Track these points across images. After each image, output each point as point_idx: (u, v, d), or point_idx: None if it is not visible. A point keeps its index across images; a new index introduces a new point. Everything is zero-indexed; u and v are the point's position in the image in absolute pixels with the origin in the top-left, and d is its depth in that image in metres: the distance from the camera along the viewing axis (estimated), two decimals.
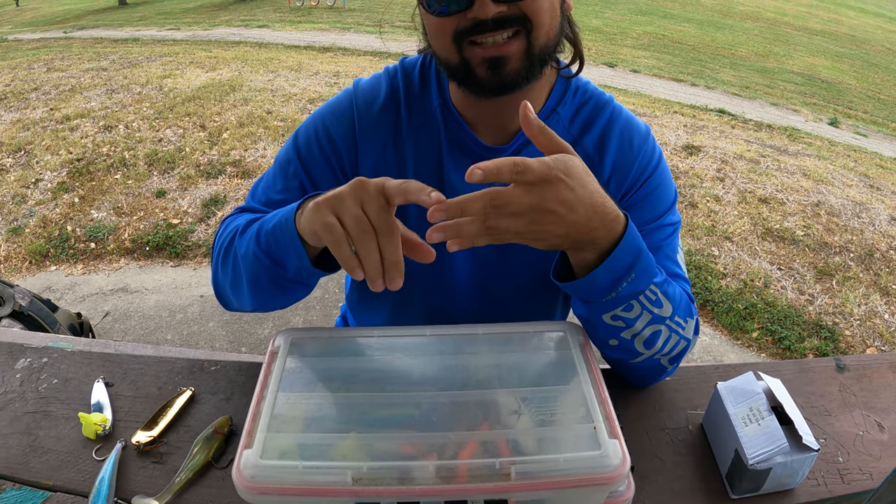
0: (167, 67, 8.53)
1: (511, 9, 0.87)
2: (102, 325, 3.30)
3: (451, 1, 0.87)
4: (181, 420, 1.03)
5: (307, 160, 1.09)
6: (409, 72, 1.11)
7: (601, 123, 1.08)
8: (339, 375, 0.88)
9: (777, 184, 5.28)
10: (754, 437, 0.91)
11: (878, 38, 22.00)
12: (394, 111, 1.08)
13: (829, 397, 1.15)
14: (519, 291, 1.16)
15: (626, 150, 1.07)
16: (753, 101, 9.65)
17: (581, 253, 0.84)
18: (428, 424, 0.79)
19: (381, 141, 1.08)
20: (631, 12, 18.90)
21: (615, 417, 0.79)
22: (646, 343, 0.95)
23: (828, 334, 3.41)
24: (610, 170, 1.06)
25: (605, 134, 1.07)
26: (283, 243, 0.88)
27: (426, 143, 1.07)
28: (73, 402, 1.06)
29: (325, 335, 0.94)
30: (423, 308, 1.20)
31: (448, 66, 0.95)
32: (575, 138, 1.07)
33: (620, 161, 1.06)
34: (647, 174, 1.08)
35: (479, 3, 0.85)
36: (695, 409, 1.08)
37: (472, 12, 0.87)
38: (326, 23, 13.96)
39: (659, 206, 1.08)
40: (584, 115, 1.08)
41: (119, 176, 4.89)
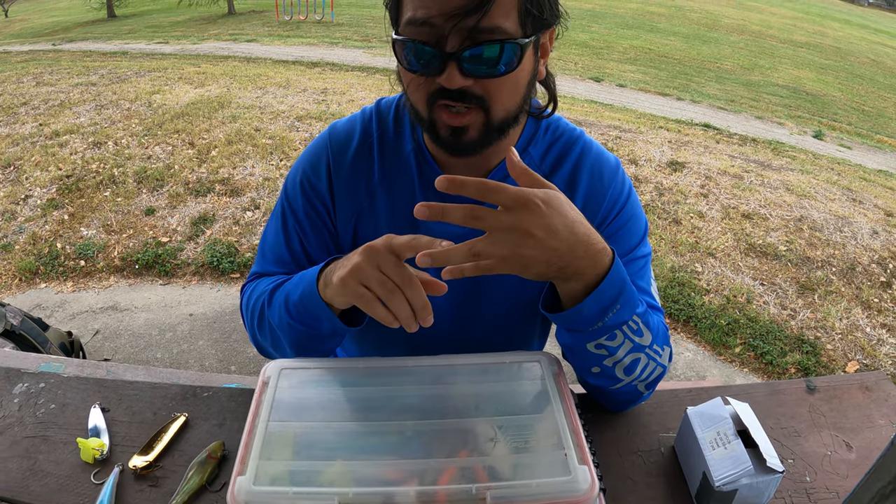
0: (156, 83, 8.54)
1: (475, 85, 0.92)
2: (93, 343, 3.32)
3: (424, 65, 0.91)
4: (176, 445, 1.07)
5: (299, 213, 1.15)
6: (384, 115, 1.15)
7: (572, 159, 1.12)
8: (326, 404, 0.94)
9: (760, 199, 5.35)
10: (721, 461, 0.96)
11: (862, 50, 22.25)
12: (367, 156, 1.12)
13: (799, 418, 1.19)
14: (495, 318, 1.20)
15: (596, 183, 1.12)
16: (738, 115, 9.75)
17: (568, 283, 0.89)
18: (410, 451, 0.84)
19: (355, 186, 1.12)
20: (617, 26, 19.05)
21: (586, 444, 0.84)
22: (626, 370, 0.99)
23: (809, 349, 3.46)
24: (582, 204, 1.10)
25: (575, 169, 1.12)
26: (313, 311, 0.96)
27: (400, 187, 1.12)
28: (70, 427, 1.10)
29: (313, 365, 0.99)
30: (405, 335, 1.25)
31: (417, 117, 1.00)
32: (546, 175, 1.11)
33: (591, 195, 1.11)
34: (618, 207, 1.13)
35: (447, 74, 0.89)
36: (667, 431, 1.13)
37: (441, 79, 0.90)
38: (315, 37, 14.00)
39: (631, 239, 1.13)
40: (556, 152, 1.13)
41: (108, 193, 4.91)
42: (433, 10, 0.87)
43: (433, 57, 0.90)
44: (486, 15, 0.86)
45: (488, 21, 0.87)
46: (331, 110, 7.13)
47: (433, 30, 0.88)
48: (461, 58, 0.88)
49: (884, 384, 1.31)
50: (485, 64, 0.90)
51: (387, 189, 1.12)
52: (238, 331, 3.41)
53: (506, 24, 0.89)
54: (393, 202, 1.12)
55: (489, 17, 0.86)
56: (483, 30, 0.87)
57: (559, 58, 12.82)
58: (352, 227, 1.14)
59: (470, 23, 0.86)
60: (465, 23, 0.86)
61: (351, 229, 1.14)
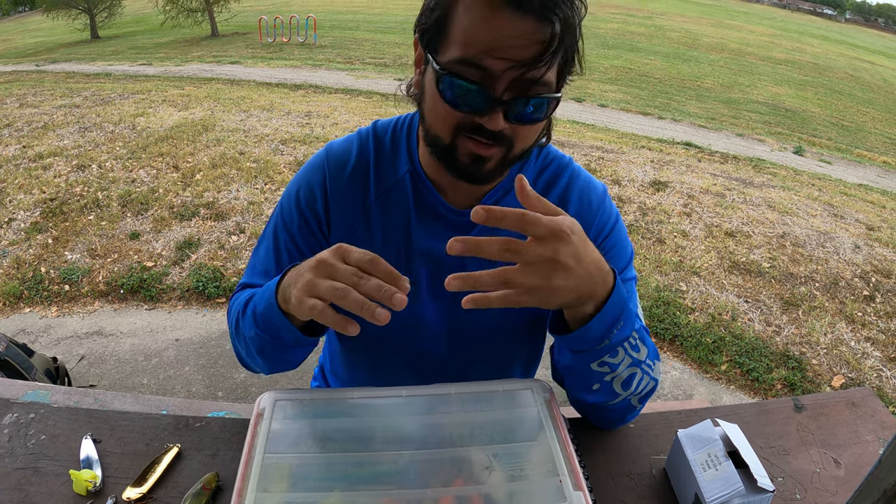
0: (140, 105, 8.53)
1: (509, 129, 0.93)
2: (78, 368, 3.29)
3: (468, 101, 0.91)
4: (169, 476, 1.06)
5: (293, 230, 1.16)
6: (380, 137, 1.16)
7: (561, 186, 1.16)
8: (321, 435, 0.94)
9: (743, 217, 5.41)
10: (712, 482, 0.97)
11: (840, 66, 22.67)
12: (362, 175, 1.14)
13: (788, 437, 1.20)
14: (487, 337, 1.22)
15: (585, 210, 1.15)
16: (719, 133, 9.88)
17: (582, 307, 0.90)
18: (406, 481, 0.85)
19: (351, 205, 1.14)
20: (598, 46, 19.29)
21: (580, 470, 0.85)
22: (623, 384, 1.00)
23: (795, 364, 3.49)
24: None
25: (564, 195, 1.15)
26: (275, 322, 0.96)
27: (395, 207, 1.13)
28: (62, 459, 1.09)
29: (307, 396, 1.00)
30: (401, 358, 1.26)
31: (435, 143, 1.00)
32: None
33: (580, 221, 1.11)
34: (605, 232, 1.16)
35: (492, 117, 0.90)
36: (658, 454, 1.14)
37: (482, 119, 0.91)
38: (298, 59, 14.06)
39: (619, 264, 1.15)
40: (546, 178, 1.16)
41: (93, 217, 4.88)
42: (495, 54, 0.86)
43: (482, 99, 0.90)
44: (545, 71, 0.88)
45: (541, 73, 0.88)
46: (315, 133, 7.14)
47: (486, 73, 0.88)
48: (510, 106, 0.90)
49: (870, 400, 1.33)
50: (527, 115, 0.92)
51: (382, 209, 1.13)
52: (225, 356, 3.39)
53: (552, 79, 0.91)
54: (387, 222, 1.13)
55: (541, 69, 0.88)
56: (534, 81, 0.89)
57: None
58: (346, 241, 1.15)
59: (532, 75, 0.87)
60: (527, 75, 0.87)
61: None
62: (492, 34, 0.85)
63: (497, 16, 0.85)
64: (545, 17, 0.84)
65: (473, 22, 0.87)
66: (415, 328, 1.18)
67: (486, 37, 0.86)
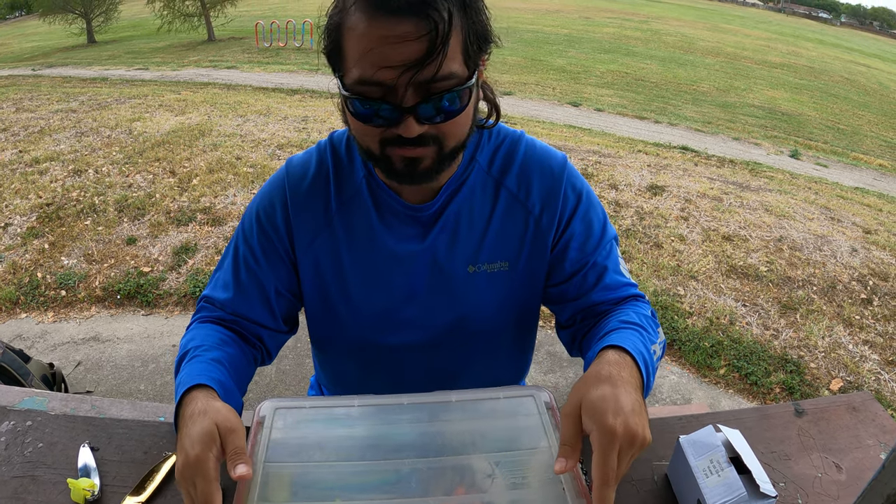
0: (136, 110, 8.52)
1: (430, 129, 0.95)
2: (74, 374, 3.28)
3: (379, 116, 0.94)
4: (168, 484, 1.05)
5: (254, 245, 1.20)
6: (336, 147, 1.19)
7: (518, 161, 1.17)
8: (322, 444, 0.94)
9: (740, 221, 5.41)
10: (715, 488, 0.96)
11: (836, 69, 22.72)
12: (323, 186, 1.17)
13: (789, 442, 1.20)
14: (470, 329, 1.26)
15: (548, 181, 1.17)
16: (716, 136, 9.88)
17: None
18: (408, 489, 0.85)
19: (312, 215, 1.17)
20: (594, 51, 19.31)
21: (582, 476, 0.85)
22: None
23: (793, 368, 3.48)
24: (539, 204, 1.17)
25: (523, 170, 1.17)
26: None
27: (356, 212, 1.16)
28: (59, 467, 1.09)
29: (308, 404, 0.99)
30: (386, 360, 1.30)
31: (368, 155, 1.02)
32: (497, 180, 1.17)
33: (546, 193, 1.17)
34: (574, 199, 1.19)
35: (405, 125, 0.92)
36: (659, 460, 1.13)
37: (398, 130, 0.94)
38: (294, 64, 14.06)
39: (596, 225, 1.20)
40: (501, 156, 1.18)
41: (89, 222, 4.87)
42: (383, 66, 0.88)
43: (389, 111, 0.92)
44: (439, 65, 0.88)
45: (438, 69, 0.89)
46: (312, 138, 7.13)
47: (384, 86, 0.90)
48: (418, 110, 0.92)
49: (870, 404, 1.33)
50: (440, 112, 0.93)
51: (344, 215, 1.16)
52: None
53: (455, 68, 0.91)
54: (350, 226, 1.16)
55: (439, 65, 0.88)
56: (437, 79, 0.90)
57: (537, 83, 12.98)
58: (312, 253, 1.18)
59: (425, 75, 0.88)
60: (420, 76, 0.88)
61: (311, 255, 1.18)
62: (375, 47, 0.87)
63: (374, 28, 0.87)
64: (420, 14, 0.85)
65: (358, 40, 0.89)
66: (393, 327, 1.23)
67: (371, 51, 0.88)
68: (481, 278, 1.19)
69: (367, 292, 1.20)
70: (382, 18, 0.86)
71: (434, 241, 1.16)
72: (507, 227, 1.17)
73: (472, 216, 1.16)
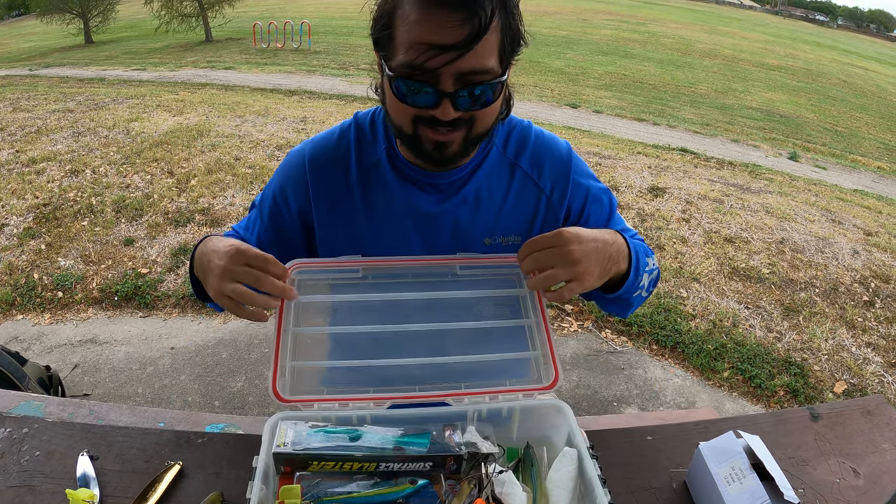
0: (134, 110, 8.49)
1: (464, 115, 1.04)
2: (71, 377, 3.24)
3: (419, 98, 1.02)
4: (171, 496, 1.02)
5: (265, 213, 1.32)
6: (361, 123, 1.29)
7: (530, 146, 1.28)
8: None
9: (741, 223, 5.39)
10: (737, 496, 0.94)
11: (833, 71, 22.75)
12: (343, 157, 1.25)
13: (805, 447, 1.18)
14: None
15: (557, 166, 1.28)
16: (714, 139, 9.86)
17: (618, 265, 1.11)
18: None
19: (334, 185, 1.25)
20: (592, 52, 19.29)
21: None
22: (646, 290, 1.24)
23: (797, 370, 3.46)
24: (550, 184, 1.27)
25: (536, 154, 1.28)
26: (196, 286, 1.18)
27: (376, 181, 1.24)
28: (57, 476, 1.05)
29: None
30: None
31: (399, 134, 1.12)
32: (512, 162, 1.27)
33: (556, 176, 1.28)
34: (584, 188, 1.30)
35: (442, 109, 1.01)
36: (677, 467, 1.10)
37: (434, 111, 1.02)
38: (292, 65, 14.01)
39: (604, 202, 1.33)
40: (515, 140, 1.28)
41: (86, 223, 4.83)
42: (431, 52, 0.96)
43: (430, 94, 1.00)
44: (475, 55, 0.96)
45: (478, 63, 0.98)
46: None
47: (429, 72, 0.98)
48: (455, 97, 1.00)
49: (884, 408, 1.32)
50: (475, 101, 1.02)
51: (363, 184, 1.24)
52: (221, 365, 3.33)
53: (491, 64, 1.00)
54: (369, 195, 1.24)
55: (479, 59, 0.97)
56: (474, 71, 0.98)
57: (535, 84, 12.96)
58: (331, 221, 1.26)
59: (462, 66, 0.97)
60: (458, 67, 0.96)
61: (330, 223, 1.26)
62: (426, 34, 0.96)
63: (427, 17, 0.95)
64: (468, 7, 0.94)
65: (410, 27, 0.97)
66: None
67: (421, 38, 0.96)
68: (497, 249, 1.27)
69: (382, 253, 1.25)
70: (435, 9, 0.94)
71: (455, 209, 1.24)
72: (521, 203, 1.27)
73: (491, 193, 1.25)
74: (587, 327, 3.80)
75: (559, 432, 1.02)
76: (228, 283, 0.99)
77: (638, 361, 3.51)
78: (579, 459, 0.93)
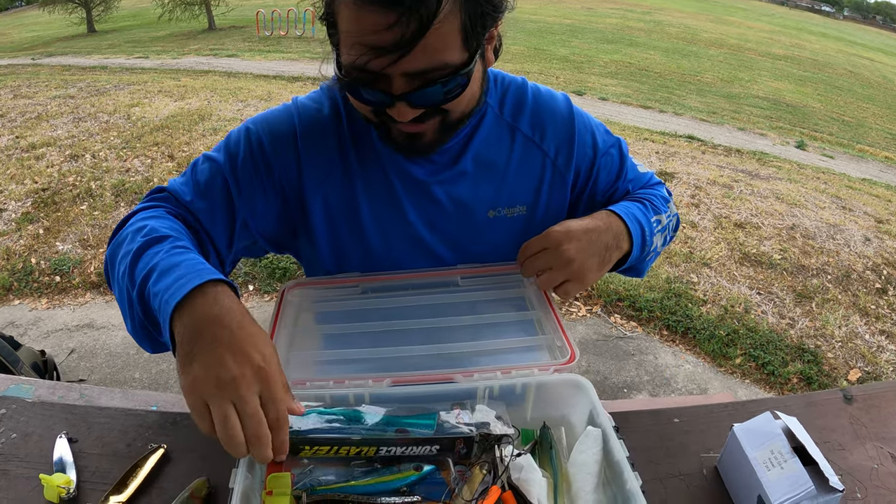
0: (135, 96, 8.43)
1: (429, 109, 0.92)
2: (67, 362, 3.17)
3: (371, 98, 0.90)
4: (153, 481, 0.93)
5: (238, 171, 1.06)
6: None
7: (528, 106, 1.16)
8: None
9: (751, 208, 5.31)
10: (778, 482, 0.85)
11: (839, 62, 22.61)
12: (335, 123, 1.10)
13: (841, 431, 1.10)
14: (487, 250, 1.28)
15: (560, 125, 1.17)
16: (721, 127, 9.77)
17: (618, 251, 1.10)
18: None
19: (325, 153, 1.09)
20: (597, 41, 19.16)
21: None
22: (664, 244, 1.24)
23: (811, 357, 3.38)
24: (555, 147, 1.17)
25: (535, 114, 1.16)
26: (157, 324, 0.82)
27: (371, 151, 1.10)
28: (33, 460, 0.97)
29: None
30: None
31: (366, 121, 1.01)
32: (511, 124, 1.15)
33: (560, 138, 1.17)
34: (590, 143, 1.20)
35: (397, 109, 0.89)
36: (707, 451, 1.02)
37: (391, 112, 0.91)
38: (295, 52, 13.92)
39: (614, 154, 1.24)
40: (511, 100, 1.16)
41: (85, 207, 4.77)
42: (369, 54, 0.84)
43: (381, 97, 0.89)
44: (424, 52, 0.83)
45: (430, 60, 0.85)
46: None
47: (375, 74, 0.87)
48: (410, 97, 0.88)
49: None
50: (436, 96, 0.90)
51: (357, 150, 1.10)
52: None
53: (448, 56, 0.86)
54: (365, 163, 1.11)
55: (430, 56, 0.84)
56: (427, 70, 0.86)
57: (540, 72, 12.85)
58: (322, 191, 1.11)
59: (410, 67, 0.84)
60: (404, 67, 0.84)
61: (322, 193, 1.11)
62: (361, 35, 0.83)
63: (359, 17, 0.83)
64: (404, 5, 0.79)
65: (348, 25, 0.85)
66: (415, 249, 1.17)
67: (358, 39, 0.84)
68: (501, 223, 1.17)
69: (381, 227, 1.14)
70: (365, 9, 0.81)
71: (453, 181, 1.13)
72: (525, 170, 1.16)
73: (491, 160, 1.14)
74: (596, 312, 3.71)
75: (579, 411, 0.93)
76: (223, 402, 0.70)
77: (648, 347, 3.43)
78: (604, 440, 0.84)
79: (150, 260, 0.85)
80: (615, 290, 3.83)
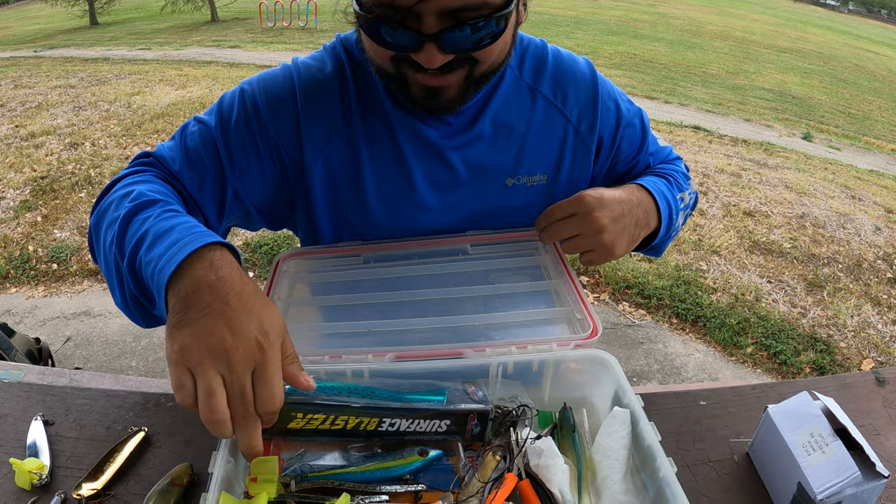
0: (136, 85, 8.36)
1: (459, 56, 0.83)
2: (63, 350, 3.10)
3: (394, 41, 0.82)
4: (132, 467, 0.85)
5: (230, 137, 0.98)
6: (349, 46, 1.04)
7: (549, 69, 1.07)
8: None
9: (761, 197, 5.23)
10: (820, 468, 0.77)
11: (844, 55, 22.46)
12: (339, 85, 1.01)
13: (875, 414, 1.03)
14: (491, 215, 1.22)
15: (583, 90, 1.08)
16: (727, 118, 9.67)
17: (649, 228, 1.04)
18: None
19: (328, 117, 1.00)
20: (602, 32, 19.02)
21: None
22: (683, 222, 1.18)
23: (823, 347, 3.31)
24: (577, 113, 1.08)
25: (557, 77, 1.08)
26: (150, 295, 0.75)
27: (378, 114, 1.01)
28: (6, 444, 0.89)
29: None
30: None
31: (381, 74, 0.91)
32: (531, 87, 1.06)
33: (583, 103, 1.08)
34: (614, 111, 1.11)
35: (425, 52, 0.80)
36: (737, 436, 0.94)
37: (417, 57, 0.82)
38: (298, 43, 13.82)
39: (636, 124, 1.15)
40: (531, 62, 1.07)
41: (84, 194, 4.70)
42: None
43: (407, 37, 0.80)
44: None
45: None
46: None
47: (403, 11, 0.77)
48: (441, 38, 0.79)
49: None
50: (468, 41, 0.81)
51: (363, 112, 1.01)
52: None
53: None
54: (370, 127, 1.02)
55: None
56: (465, 8, 0.77)
57: None
58: (324, 157, 1.01)
59: (450, 3, 0.76)
60: (441, 2, 0.76)
61: (323, 159, 1.01)
62: None
63: None
64: None
65: None
66: (419, 213, 1.08)
67: None
68: (520, 192, 1.09)
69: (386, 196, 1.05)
70: None
71: (470, 145, 1.04)
72: (546, 135, 1.08)
73: (511, 124, 1.05)
74: (604, 300, 3.64)
75: (602, 391, 0.85)
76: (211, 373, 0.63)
77: (657, 335, 3.35)
78: (633, 422, 0.76)
79: (140, 226, 0.77)
80: (623, 278, 3.75)
